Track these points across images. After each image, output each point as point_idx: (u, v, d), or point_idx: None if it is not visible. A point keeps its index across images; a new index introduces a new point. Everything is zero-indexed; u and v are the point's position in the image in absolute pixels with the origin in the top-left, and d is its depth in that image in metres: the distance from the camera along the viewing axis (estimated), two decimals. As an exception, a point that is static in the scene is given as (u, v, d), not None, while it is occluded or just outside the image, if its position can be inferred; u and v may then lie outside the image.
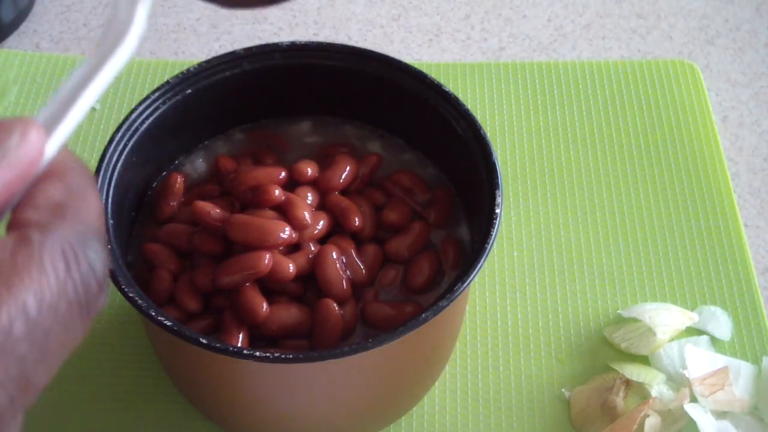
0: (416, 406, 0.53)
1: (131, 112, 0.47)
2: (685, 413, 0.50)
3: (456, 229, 0.49)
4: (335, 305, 0.44)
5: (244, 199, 0.47)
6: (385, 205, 0.49)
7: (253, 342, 0.44)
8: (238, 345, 0.43)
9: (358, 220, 0.47)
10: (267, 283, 0.44)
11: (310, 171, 0.49)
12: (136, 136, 0.47)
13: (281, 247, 0.45)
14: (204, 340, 0.39)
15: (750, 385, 0.53)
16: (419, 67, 0.49)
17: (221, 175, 0.50)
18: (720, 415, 0.51)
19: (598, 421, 0.51)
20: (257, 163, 0.50)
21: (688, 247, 0.60)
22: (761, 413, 0.52)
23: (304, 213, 0.45)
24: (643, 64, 0.71)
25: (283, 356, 0.38)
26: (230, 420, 0.49)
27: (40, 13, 0.80)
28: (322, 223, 0.46)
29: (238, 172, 0.48)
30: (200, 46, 0.77)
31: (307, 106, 0.53)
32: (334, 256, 0.45)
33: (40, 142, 0.24)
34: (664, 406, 0.51)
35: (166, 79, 0.49)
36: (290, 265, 0.44)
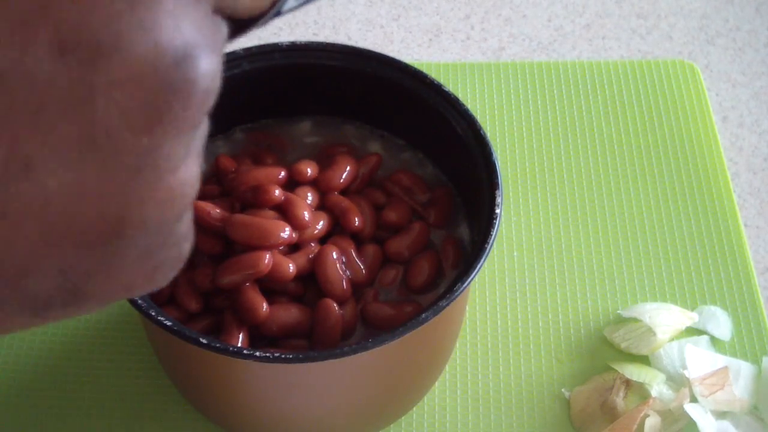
0: (416, 406, 0.52)
1: (131, 112, 0.47)
2: (685, 413, 0.50)
3: (456, 229, 0.49)
4: (335, 305, 0.44)
5: (244, 199, 0.47)
6: (385, 205, 0.49)
7: (253, 342, 0.44)
8: (238, 345, 0.43)
9: (358, 220, 0.47)
10: (267, 283, 0.44)
11: (310, 171, 0.49)
12: (136, 136, 0.47)
13: (281, 247, 0.45)
14: (204, 340, 0.39)
15: (750, 385, 0.53)
16: (419, 67, 0.49)
17: (221, 175, 0.50)
18: (720, 415, 0.51)
19: (598, 421, 0.51)
20: (257, 163, 0.50)
21: (688, 247, 0.60)
22: (761, 413, 0.52)
23: (304, 213, 0.45)
24: (643, 64, 0.71)
25: (283, 356, 0.38)
26: (230, 420, 0.49)
27: (40, 13, 0.80)
28: (322, 223, 0.46)
29: (238, 172, 0.48)
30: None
31: (307, 106, 0.53)
32: (334, 256, 0.45)
33: None
34: (664, 406, 0.51)
35: (166, 79, 0.48)
36: (290, 265, 0.44)
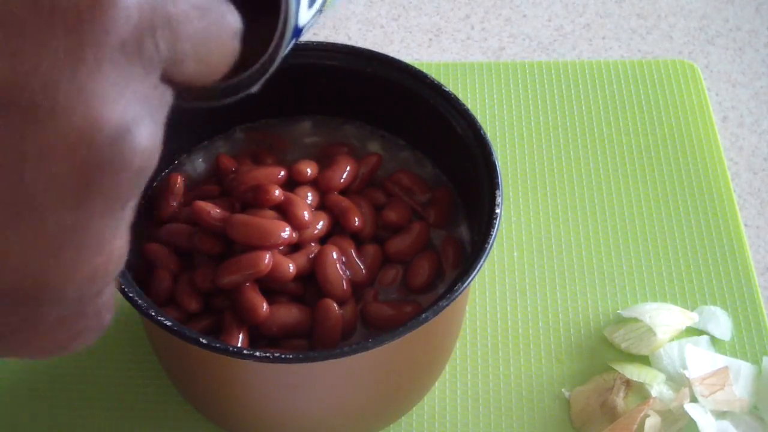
0: (416, 406, 0.53)
1: (131, 112, 0.47)
2: (685, 413, 0.50)
3: (456, 229, 0.49)
4: (335, 305, 0.44)
5: (245, 199, 0.47)
6: (385, 205, 0.49)
7: (253, 342, 0.44)
8: (238, 345, 0.43)
9: (358, 220, 0.47)
10: (267, 283, 0.44)
11: (309, 171, 0.49)
12: (136, 136, 0.47)
13: (281, 247, 0.45)
14: (204, 340, 0.39)
15: (750, 385, 0.53)
16: (419, 67, 0.49)
17: (221, 175, 0.50)
18: (720, 415, 0.51)
19: (598, 421, 0.51)
20: (257, 163, 0.50)
21: (688, 247, 0.60)
22: (761, 413, 0.52)
23: (304, 213, 0.45)
24: (643, 64, 0.71)
25: (283, 356, 0.38)
26: (230, 420, 0.49)
27: (40, 13, 0.80)
28: (321, 223, 0.46)
29: (238, 172, 0.48)
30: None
31: (307, 106, 0.53)
32: (334, 256, 0.45)
33: None
34: (664, 406, 0.51)
35: (166, 79, 0.48)
36: (290, 265, 0.44)
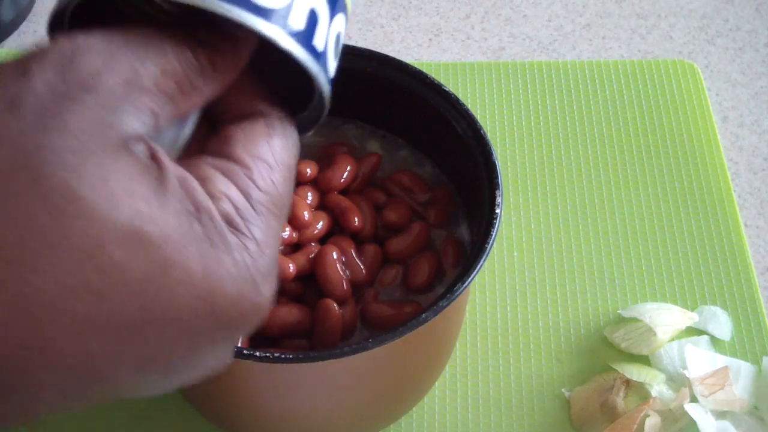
0: (416, 406, 0.52)
1: (131, 112, 0.47)
2: (685, 413, 0.50)
3: (456, 229, 0.49)
4: (335, 305, 0.44)
5: None
6: (385, 205, 0.49)
7: (253, 342, 0.44)
8: (238, 345, 0.43)
9: (357, 220, 0.47)
10: (267, 283, 0.44)
11: (309, 171, 0.49)
12: (136, 136, 0.47)
13: (281, 247, 0.45)
14: (204, 340, 0.39)
15: (750, 385, 0.53)
16: (419, 67, 0.49)
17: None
18: (720, 414, 0.51)
19: (598, 421, 0.51)
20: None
21: (688, 247, 0.60)
22: (761, 413, 0.52)
23: (304, 213, 0.45)
24: (643, 64, 0.71)
25: (283, 356, 0.38)
26: (230, 420, 0.49)
27: (40, 13, 0.79)
28: (321, 223, 0.46)
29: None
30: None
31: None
32: (334, 256, 0.45)
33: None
34: (664, 406, 0.51)
35: (166, 79, 0.48)
36: (290, 265, 0.44)
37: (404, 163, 0.52)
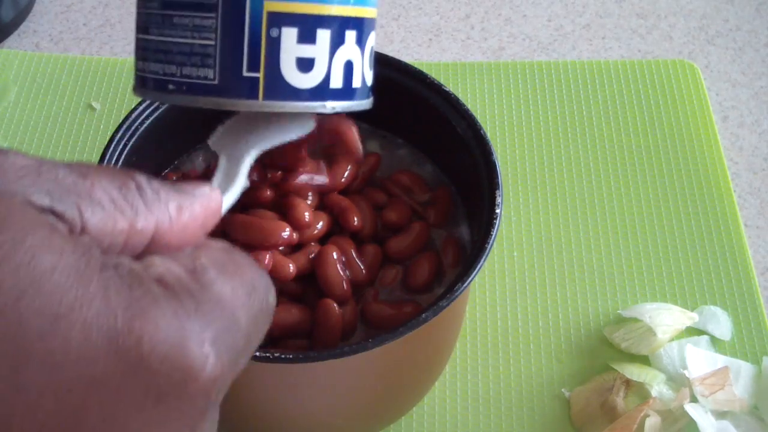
0: (416, 406, 0.52)
1: (131, 112, 0.47)
2: (685, 413, 0.50)
3: (456, 229, 0.49)
4: (335, 305, 0.44)
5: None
6: (386, 205, 0.49)
7: (253, 342, 0.44)
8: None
9: (357, 219, 0.47)
10: (267, 283, 0.44)
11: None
12: (136, 136, 0.47)
13: (281, 248, 0.45)
14: (204, 340, 0.39)
15: (750, 385, 0.53)
16: (419, 67, 0.49)
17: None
18: (720, 415, 0.51)
19: (598, 421, 0.51)
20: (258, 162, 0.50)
21: (688, 247, 0.60)
22: (761, 413, 0.52)
23: (304, 213, 0.45)
24: (643, 64, 0.71)
25: (283, 356, 0.38)
26: (230, 420, 0.49)
27: (40, 13, 0.80)
28: (321, 223, 0.46)
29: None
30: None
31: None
32: (335, 257, 0.45)
33: (221, 201, 0.28)
34: (664, 406, 0.51)
35: (166, 79, 0.48)
36: (290, 265, 0.44)
37: (404, 162, 0.52)
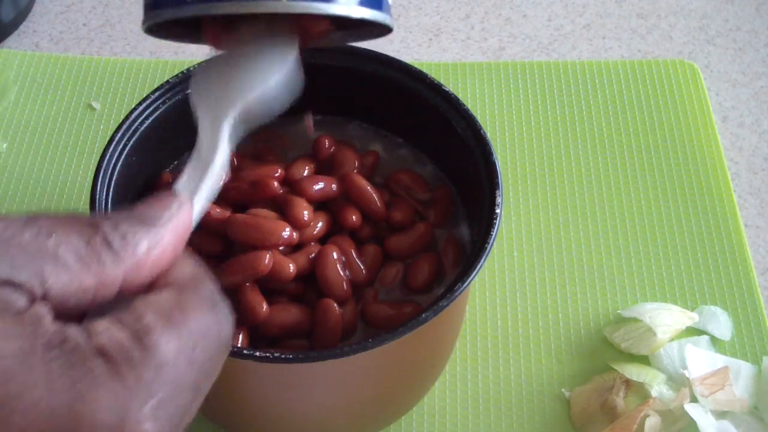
0: (416, 406, 0.52)
1: (131, 112, 0.47)
2: (685, 413, 0.50)
3: (456, 229, 0.49)
4: (335, 305, 0.44)
5: (245, 195, 0.47)
6: (390, 205, 0.49)
7: (253, 342, 0.44)
8: (238, 345, 0.43)
9: (354, 216, 0.47)
10: (267, 283, 0.44)
11: (308, 170, 0.49)
12: (136, 136, 0.47)
13: (281, 247, 0.45)
14: (204, 340, 0.39)
15: (750, 385, 0.53)
16: (419, 67, 0.49)
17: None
18: (720, 415, 0.51)
19: (598, 421, 0.51)
20: (258, 161, 0.50)
21: (688, 247, 0.60)
22: (761, 413, 0.52)
23: (304, 213, 0.45)
24: (643, 64, 0.71)
25: (283, 356, 0.38)
26: (230, 420, 0.49)
27: (40, 13, 0.79)
28: (321, 223, 0.46)
29: (238, 169, 0.48)
30: (200, 46, 0.77)
31: (308, 105, 0.53)
32: (335, 256, 0.45)
33: (191, 214, 0.27)
34: (664, 406, 0.51)
35: (166, 79, 0.49)
36: (290, 265, 0.44)
37: (404, 162, 0.52)
